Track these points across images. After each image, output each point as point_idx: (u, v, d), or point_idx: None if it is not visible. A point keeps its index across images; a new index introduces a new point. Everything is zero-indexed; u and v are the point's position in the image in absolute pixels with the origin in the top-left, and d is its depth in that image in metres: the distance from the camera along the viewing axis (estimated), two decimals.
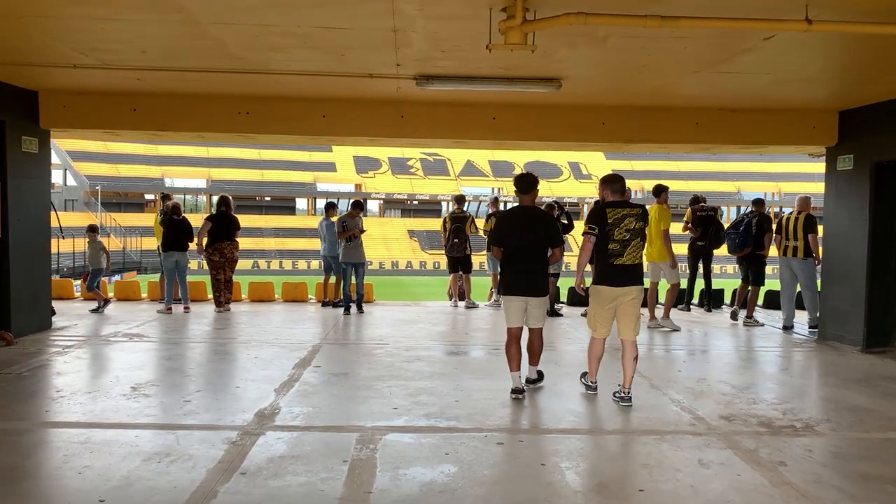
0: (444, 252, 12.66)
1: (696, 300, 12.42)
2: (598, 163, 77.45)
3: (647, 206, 10.09)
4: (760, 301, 12.29)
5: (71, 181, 68.33)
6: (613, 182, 6.07)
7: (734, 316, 10.86)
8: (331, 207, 12.22)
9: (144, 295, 12.83)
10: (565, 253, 7.06)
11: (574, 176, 75.18)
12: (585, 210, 63.68)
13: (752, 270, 10.70)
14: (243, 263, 57.26)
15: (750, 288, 10.73)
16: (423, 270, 60.45)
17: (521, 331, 6.23)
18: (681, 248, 11.27)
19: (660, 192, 10.27)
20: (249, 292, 12.78)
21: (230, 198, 11.62)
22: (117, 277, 44.66)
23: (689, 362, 8.12)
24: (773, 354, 8.72)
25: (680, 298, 11.40)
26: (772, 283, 11.19)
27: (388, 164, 75.87)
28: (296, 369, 7.11)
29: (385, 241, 65.29)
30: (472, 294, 12.49)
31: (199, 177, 70.22)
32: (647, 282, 10.21)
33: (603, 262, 5.90)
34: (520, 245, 6.08)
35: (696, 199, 11.84)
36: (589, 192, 71.63)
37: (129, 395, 6.04)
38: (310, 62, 6.73)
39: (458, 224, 12.09)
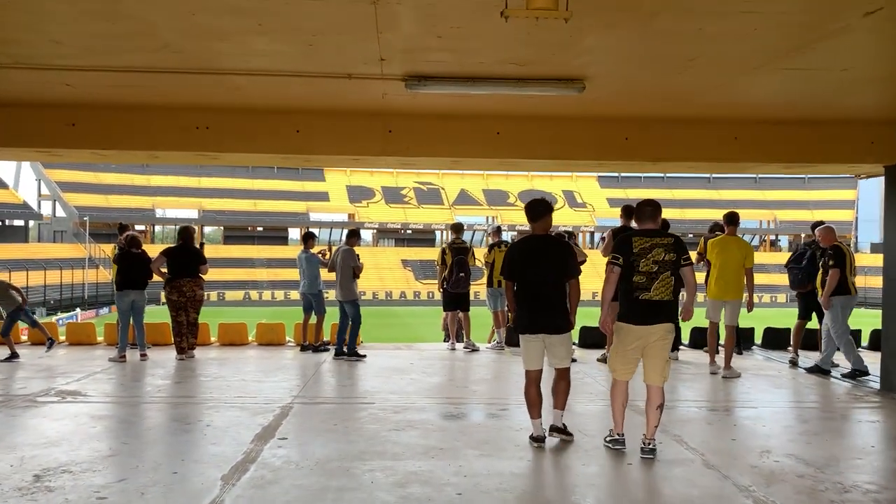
0: (440, 287, 11.06)
1: (722, 341, 10.94)
2: (593, 190, 76.56)
3: (720, 238, 8.78)
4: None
5: (60, 212, 66.94)
6: (643, 207, 5.46)
7: (794, 363, 9.34)
8: (310, 238, 10.76)
9: (101, 339, 11.32)
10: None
11: (569, 204, 74.14)
12: (580, 238, 62.60)
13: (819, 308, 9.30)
14: (233, 294, 56.18)
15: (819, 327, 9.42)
16: (417, 301, 59.03)
17: (540, 374, 5.65)
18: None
19: (736, 220, 8.83)
20: (219, 335, 11.26)
21: (193, 228, 10.23)
22: (105, 310, 42.64)
23: (740, 427, 6.65)
24: (836, 414, 7.25)
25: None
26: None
27: (381, 194, 74.80)
28: (255, 443, 5.63)
29: (378, 270, 63.84)
30: (471, 333, 11.04)
31: (191, 207, 68.92)
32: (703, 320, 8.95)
33: (627, 296, 5.34)
34: (534, 278, 5.57)
35: (717, 227, 10.27)
36: (583, 221, 70.57)
37: (25, 490, 4.56)
38: (270, 56, 5.35)
39: (461, 255, 10.55)
